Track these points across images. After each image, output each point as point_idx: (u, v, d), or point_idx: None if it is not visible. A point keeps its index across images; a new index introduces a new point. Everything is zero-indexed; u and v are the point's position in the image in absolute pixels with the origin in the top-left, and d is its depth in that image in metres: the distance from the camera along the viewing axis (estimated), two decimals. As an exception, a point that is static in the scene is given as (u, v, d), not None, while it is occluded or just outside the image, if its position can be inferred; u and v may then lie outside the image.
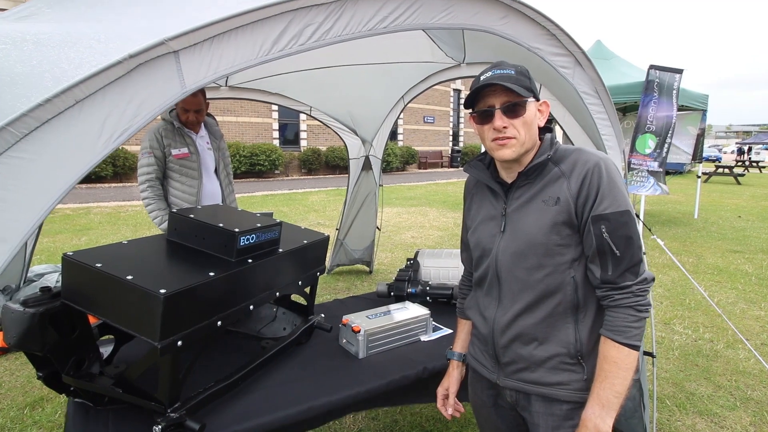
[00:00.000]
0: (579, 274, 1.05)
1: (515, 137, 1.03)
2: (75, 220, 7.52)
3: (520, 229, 1.07)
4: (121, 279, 1.06)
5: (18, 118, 0.83)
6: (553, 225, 1.02)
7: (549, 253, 1.03)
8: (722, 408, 2.48)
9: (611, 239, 0.98)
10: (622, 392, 0.99)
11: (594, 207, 1.00)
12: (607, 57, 7.74)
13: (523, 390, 1.12)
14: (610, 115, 1.83)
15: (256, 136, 16.29)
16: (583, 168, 1.01)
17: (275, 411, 1.32)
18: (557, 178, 1.04)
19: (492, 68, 1.05)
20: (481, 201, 1.20)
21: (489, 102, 1.04)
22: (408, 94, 3.51)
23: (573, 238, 1.03)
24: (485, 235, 1.15)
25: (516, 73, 1.03)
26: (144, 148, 2.49)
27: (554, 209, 1.02)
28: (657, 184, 6.07)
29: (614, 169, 1.03)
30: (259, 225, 1.43)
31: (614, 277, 1.00)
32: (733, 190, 13.42)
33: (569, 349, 1.06)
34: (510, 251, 1.08)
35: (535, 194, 1.06)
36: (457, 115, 24.79)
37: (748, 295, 4.30)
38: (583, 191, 1.01)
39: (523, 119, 1.03)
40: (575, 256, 1.04)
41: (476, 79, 1.06)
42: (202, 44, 0.97)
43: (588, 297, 1.06)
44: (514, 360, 1.11)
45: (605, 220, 0.98)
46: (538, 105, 1.07)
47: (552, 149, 1.07)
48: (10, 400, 2.45)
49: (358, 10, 1.13)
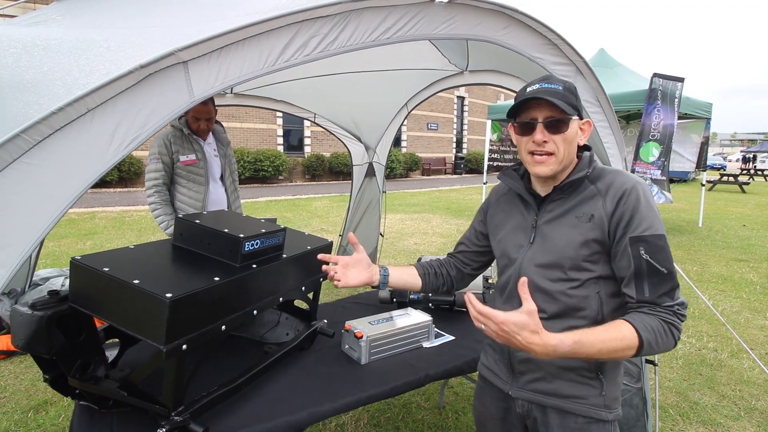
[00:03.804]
0: (604, 292, 1.04)
1: (554, 153, 1.03)
2: (80, 224, 7.58)
3: (550, 242, 1.06)
4: (128, 283, 1.08)
5: (32, 125, 0.85)
6: (584, 241, 1.02)
7: (576, 268, 1.03)
8: (726, 418, 2.46)
9: (650, 261, 0.97)
10: (591, 356, 0.93)
11: (632, 228, 0.98)
12: (611, 65, 7.76)
13: (538, 401, 1.10)
14: (611, 123, 1.84)
15: (261, 142, 16.40)
16: (620, 188, 1.01)
17: (278, 416, 1.32)
18: (593, 196, 1.04)
19: (540, 81, 1.05)
20: (510, 210, 1.19)
21: (532, 114, 1.04)
22: (412, 101, 3.54)
23: (602, 256, 1.03)
24: (512, 245, 1.14)
25: (564, 90, 1.03)
26: (152, 154, 2.53)
27: (587, 226, 1.02)
28: (661, 192, 6.07)
29: (650, 193, 1.03)
30: (264, 231, 1.45)
31: (653, 298, 0.97)
32: (738, 199, 13.35)
33: (589, 363, 1.04)
34: (536, 262, 1.08)
35: (569, 209, 1.06)
36: (460, 122, 24.85)
37: (753, 305, 4.27)
38: (618, 211, 1.00)
39: (564, 136, 1.02)
40: (602, 273, 1.03)
41: (522, 89, 1.06)
42: (210, 55, 1.00)
43: (612, 316, 1.04)
44: (530, 369, 1.10)
45: (644, 242, 0.97)
46: (580, 123, 1.07)
47: (590, 167, 1.06)
48: (14, 403, 2.46)
49: (362, 21, 1.15)
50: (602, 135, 1.84)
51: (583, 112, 1.09)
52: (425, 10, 1.24)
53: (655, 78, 5.78)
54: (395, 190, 14.31)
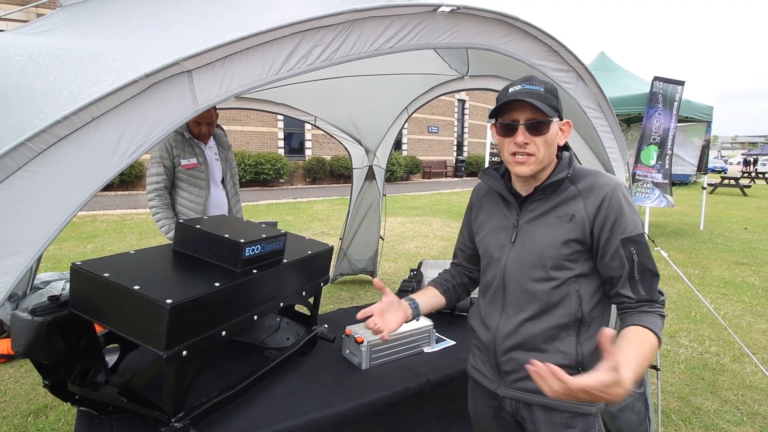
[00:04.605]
0: (584, 290, 1.07)
1: (534, 154, 1.05)
2: (81, 227, 7.59)
3: (532, 242, 1.09)
4: (128, 289, 1.08)
5: (37, 134, 0.86)
6: (565, 241, 1.05)
7: (557, 267, 1.06)
8: (729, 423, 2.46)
9: (642, 261, 1.02)
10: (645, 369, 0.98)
11: (620, 230, 1.02)
12: (611, 69, 7.77)
13: (523, 399, 1.13)
14: (613, 127, 1.85)
15: (262, 145, 16.43)
16: (602, 191, 1.04)
17: (278, 422, 1.33)
18: (573, 197, 1.07)
19: (521, 82, 1.06)
20: (492, 209, 1.21)
21: (514, 116, 1.06)
22: (412, 104, 3.55)
23: (582, 255, 1.06)
24: (494, 245, 1.17)
25: (544, 91, 1.05)
26: (154, 158, 2.54)
27: (568, 226, 1.05)
28: (663, 195, 6.06)
29: (629, 193, 1.08)
30: (264, 236, 1.46)
31: (650, 296, 1.02)
32: (739, 202, 13.33)
33: (570, 360, 1.07)
34: (519, 262, 1.10)
35: (549, 209, 1.09)
36: (461, 125, 24.88)
37: (755, 308, 4.26)
38: (601, 213, 1.03)
39: (545, 138, 1.05)
40: (581, 271, 1.07)
41: (504, 90, 1.08)
42: (214, 64, 1.00)
43: (591, 313, 1.08)
44: (514, 369, 1.12)
45: (634, 242, 1.01)
46: (560, 124, 1.09)
47: (570, 168, 1.09)
48: (14, 408, 2.46)
49: (365, 31, 1.16)
50: (604, 140, 1.84)
51: (563, 113, 1.11)
52: (427, 19, 1.25)
53: (656, 81, 5.79)
54: (396, 193, 14.32)
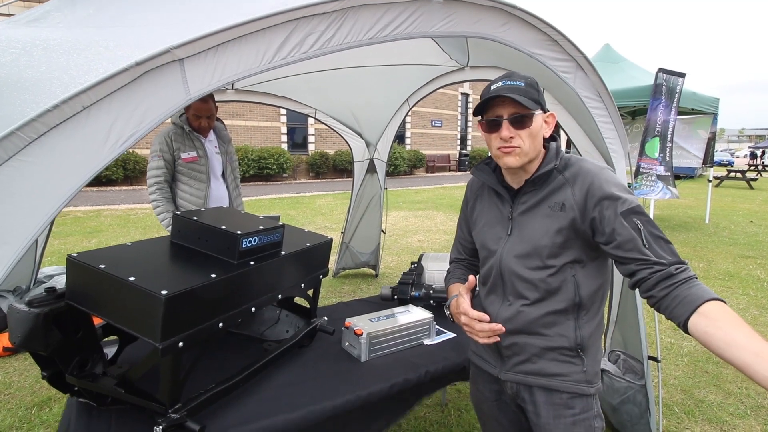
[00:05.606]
0: (580, 275, 1.10)
1: (520, 147, 1.07)
2: (85, 222, 7.64)
3: (527, 233, 1.12)
4: (124, 280, 1.08)
5: (27, 123, 0.85)
6: (558, 229, 1.07)
7: (553, 255, 1.09)
8: (732, 416, 2.44)
9: (652, 229, 0.99)
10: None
11: (618, 205, 1.00)
12: (616, 60, 7.68)
13: (524, 382, 1.16)
14: (613, 118, 1.82)
15: (265, 140, 16.43)
16: (587, 176, 1.06)
17: (276, 414, 1.33)
18: (562, 185, 1.09)
19: (502, 78, 1.09)
20: (487, 203, 1.24)
21: (497, 112, 1.08)
22: (413, 96, 3.52)
23: (575, 242, 1.08)
24: (491, 238, 1.20)
25: (525, 85, 1.07)
26: (154, 152, 2.54)
27: (560, 215, 1.08)
28: (666, 188, 6.00)
29: (617, 176, 1.09)
30: (262, 227, 1.45)
31: (676, 260, 0.96)
32: (746, 195, 13.21)
33: (570, 343, 1.10)
34: (515, 253, 1.13)
35: (541, 200, 1.11)
36: (465, 119, 24.75)
37: (760, 301, 4.22)
38: (590, 196, 1.04)
39: (529, 131, 1.07)
40: (576, 257, 1.09)
41: (487, 88, 1.10)
42: (206, 52, 0.99)
43: (589, 297, 1.11)
44: (515, 353, 1.15)
45: (635, 213, 1.00)
46: (544, 117, 1.12)
47: (557, 158, 1.11)
48: (18, 400, 2.49)
49: (360, 19, 1.14)
50: (603, 130, 1.82)
51: (545, 105, 1.13)
52: (423, 7, 1.23)
53: (660, 73, 5.72)
54: (399, 187, 14.29)
